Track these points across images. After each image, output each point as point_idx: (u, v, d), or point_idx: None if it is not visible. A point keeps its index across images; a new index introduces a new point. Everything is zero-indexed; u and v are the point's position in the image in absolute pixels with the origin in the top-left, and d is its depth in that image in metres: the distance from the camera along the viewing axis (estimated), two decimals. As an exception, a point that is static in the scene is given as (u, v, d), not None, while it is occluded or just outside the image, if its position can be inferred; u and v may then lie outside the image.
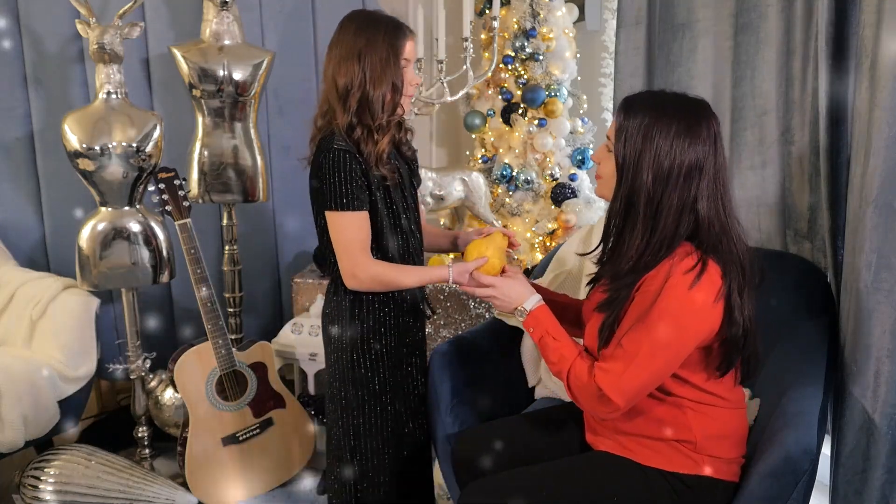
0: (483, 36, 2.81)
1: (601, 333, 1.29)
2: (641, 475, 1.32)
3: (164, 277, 2.32)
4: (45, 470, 2.04)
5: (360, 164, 1.52)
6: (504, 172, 2.76)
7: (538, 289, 1.53)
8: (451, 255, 2.79)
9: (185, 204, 2.15)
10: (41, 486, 2.02)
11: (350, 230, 1.51)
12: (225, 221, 2.56)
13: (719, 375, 1.30)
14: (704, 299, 1.21)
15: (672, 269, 1.22)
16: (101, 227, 2.21)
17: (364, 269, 1.52)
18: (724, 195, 1.27)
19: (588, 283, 1.48)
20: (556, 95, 2.71)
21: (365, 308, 1.62)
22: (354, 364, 1.64)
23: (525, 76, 2.73)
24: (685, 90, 2.05)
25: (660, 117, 1.23)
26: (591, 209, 2.70)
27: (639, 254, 1.26)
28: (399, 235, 1.63)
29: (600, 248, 1.38)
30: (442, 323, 2.53)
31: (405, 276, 1.57)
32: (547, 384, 1.93)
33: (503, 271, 1.48)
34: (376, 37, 1.53)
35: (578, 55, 2.80)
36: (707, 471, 1.30)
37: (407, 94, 1.58)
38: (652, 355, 1.22)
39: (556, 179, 2.77)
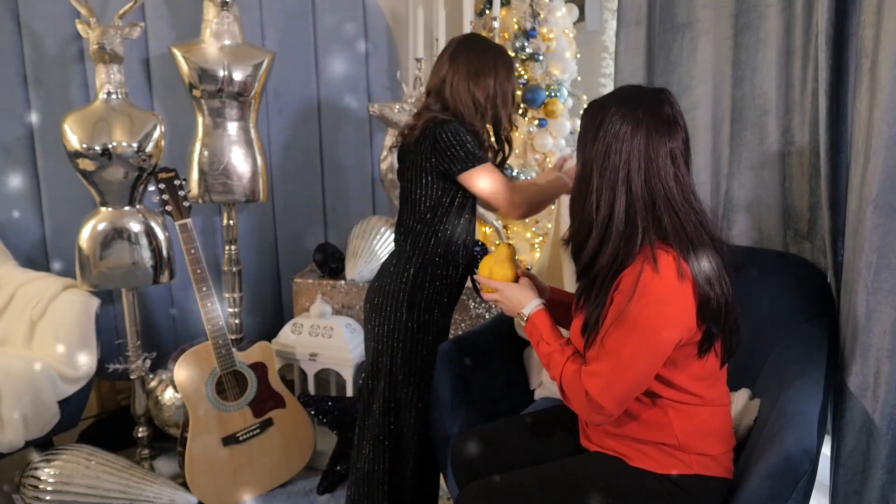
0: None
1: (584, 332, 1.30)
2: (635, 477, 1.32)
3: (164, 277, 2.32)
4: (45, 470, 2.04)
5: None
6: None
7: (552, 291, 1.55)
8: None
9: (186, 204, 2.15)
10: (41, 486, 2.02)
11: (493, 176, 1.69)
12: (225, 221, 2.56)
13: (704, 351, 1.27)
14: (669, 283, 1.20)
15: (643, 267, 1.22)
16: (101, 227, 2.21)
17: (515, 198, 1.71)
18: (668, 173, 1.25)
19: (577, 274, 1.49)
20: (556, 96, 2.72)
21: (429, 280, 1.74)
22: (411, 337, 1.73)
23: (525, 76, 2.73)
24: (685, 90, 2.07)
25: (596, 110, 1.29)
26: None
27: (571, 234, 1.33)
28: (464, 233, 1.79)
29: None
30: (442, 323, 2.53)
31: (541, 189, 1.76)
32: (548, 385, 1.93)
33: (517, 278, 1.50)
34: (500, 57, 1.76)
35: (578, 55, 2.80)
36: (697, 469, 1.31)
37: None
38: (633, 356, 1.22)
39: (556, 179, 2.77)
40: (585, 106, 1.34)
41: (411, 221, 1.75)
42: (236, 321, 2.63)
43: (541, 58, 2.71)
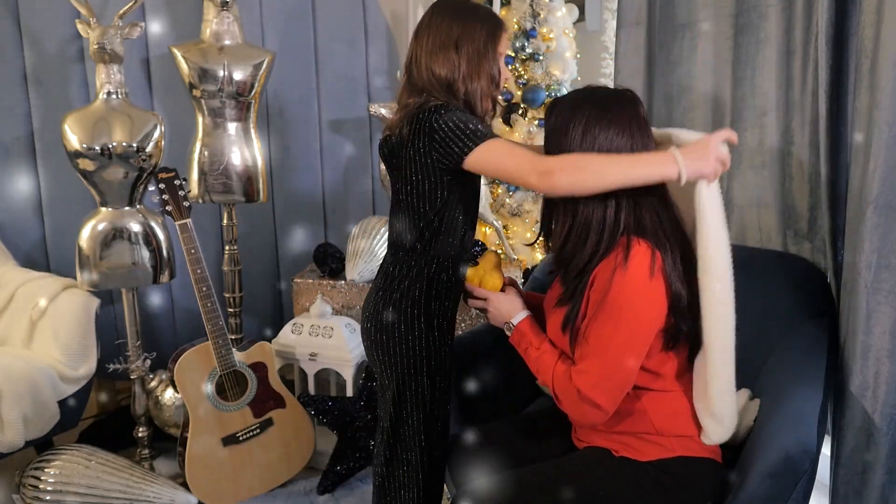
0: (483, 36, 2.81)
1: (564, 329, 1.31)
2: (621, 467, 1.34)
3: (164, 277, 2.32)
4: (45, 470, 2.04)
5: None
6: (504, 172, 2.76)
7: (533, 297, 1.56)
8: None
9: (186, 204, 2.15)
10: (41, 486, 2.02)
11: (511, 147, 1.37)
12: (225, 221, 2.57)
13: (669, 347, 1.30)
14: (641, 277, 1.23)
15: (617, 261, 1.25)
16: (101, 227, 2.21)
17: (549, 161, 1.29)
18: None
19: (549, 273, 1.50)
20: (556, 96, 2.72)
21: (444, 286, 1.53)
22: (430, 353, 1.54)
23: (525, 76, 2.73)
24: (685, 90, 2.07)
25: (574, 111, 1.28)
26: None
27: (563, 240, 1.31)
28: (471, 231, 1.57)
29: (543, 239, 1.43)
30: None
31: (612, 164, 1.25)
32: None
33: (504, 287, 1.50)
34: (473, 25, 1.46)
35: (578, 55, 2.80)
36: (679, 451, 1.32)
37: (500, 87, 1.53)
38: (622, 348, 1.24)
39: (556, 179, 2.77)
40: (547, 112, 1.33)
41: (419, 223, 1.51)
42: (236, 321, 2.63)
43: (541, 58, 2.71)
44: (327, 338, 2.46)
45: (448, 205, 1.49)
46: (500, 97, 1.54)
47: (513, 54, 2.72)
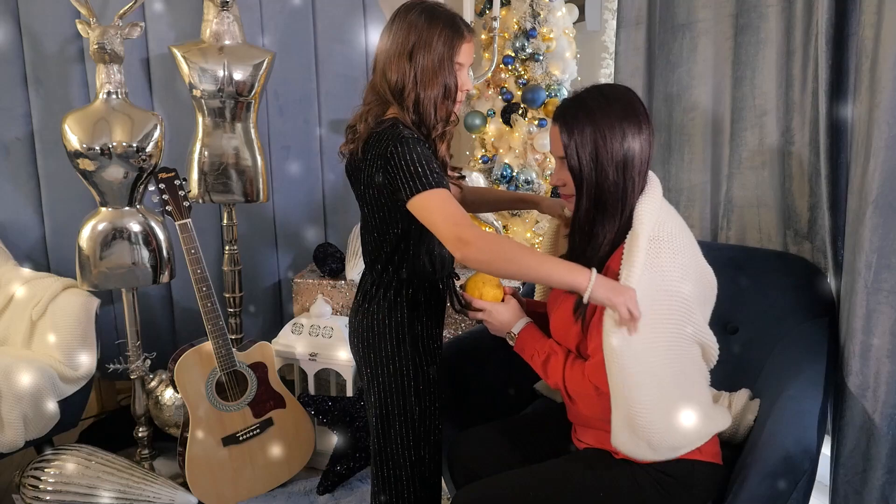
0: (483, 36, 2.81)
1: (576, 312, 1.32)
2: (621, 468, 1.34)
3: (164, 277, 2.32)
4: (45, 470, 2.04)
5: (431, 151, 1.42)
6: (504, 173, 2.76)
7: (534, 305, 1.56)
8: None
9: (186, 204, 2.15)
10: (41, 486, 2.02)
11: (447, 204, 1.33)
12: (225, 221, 2.57)
13: None
14: None
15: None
16: (101, 227, 2.22)
17: (473, 232, 1.28)
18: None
19: None
20: (556, 96, 2.71)
21: (423, 306, 1.52)
22: (418, 374, 1.51)
23: (525, 76, 2.73)
24: (685, 90, 2.08)
25: (601, 118, 1.29)
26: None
27: (610, 240, 1.33)
28: (445, 249, 1.51)
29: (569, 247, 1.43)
30: (442, 323, 2.53)
31: (529, 256, 1.30)
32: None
33: (504, 298, 1.49)
34: (431, 34, 1.41)
35: (578, 55, 2.80)
36: (679, 454, 1.32)
37: (458, 100, 1.48)
38: None
39: (556, 179, 2.77)
40: (565, 124, 1.31)
41: (386, 247, 1.49)
42: (236, 321, 2.63)
43: (541, 58, 2.71)
44: (327, 338, 2.46)
45: (412, 228, 1.44)
46: (456, 109, 1.50)
47: (513, 54, 2.72)
